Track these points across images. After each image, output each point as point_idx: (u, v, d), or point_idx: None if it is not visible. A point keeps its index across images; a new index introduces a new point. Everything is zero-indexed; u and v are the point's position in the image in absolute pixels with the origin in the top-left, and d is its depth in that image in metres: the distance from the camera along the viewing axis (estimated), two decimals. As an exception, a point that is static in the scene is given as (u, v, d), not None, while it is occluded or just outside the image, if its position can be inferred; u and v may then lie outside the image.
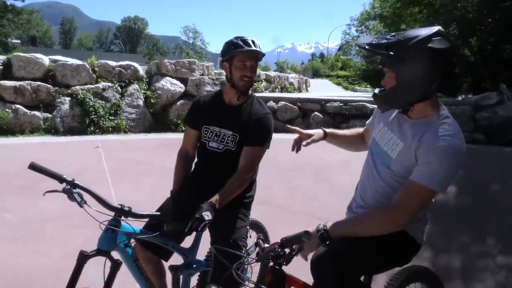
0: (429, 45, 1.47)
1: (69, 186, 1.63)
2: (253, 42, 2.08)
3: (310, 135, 2.05)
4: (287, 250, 1.57)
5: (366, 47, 1.59)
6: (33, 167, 1.64)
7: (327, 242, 1.59)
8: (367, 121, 2.07)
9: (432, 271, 1.99)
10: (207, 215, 1.71)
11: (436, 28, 1.52)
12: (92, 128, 8.10)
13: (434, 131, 1.54)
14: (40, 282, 2.92)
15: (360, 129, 2.18)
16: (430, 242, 3.32)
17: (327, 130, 2.13)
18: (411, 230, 1.71)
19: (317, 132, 2.10)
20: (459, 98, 10.08)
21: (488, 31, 12.51)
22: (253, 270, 2.44)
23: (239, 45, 2.06)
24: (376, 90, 1.71)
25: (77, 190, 1.64)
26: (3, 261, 3.14)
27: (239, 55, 2.07)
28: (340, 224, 1.66)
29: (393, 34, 1.59)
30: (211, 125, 2.19)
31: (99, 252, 1.66)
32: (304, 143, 2.03)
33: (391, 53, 1.51)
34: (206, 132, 2.20)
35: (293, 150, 2.07)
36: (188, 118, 2.36)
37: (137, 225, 1.90)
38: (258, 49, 2.08)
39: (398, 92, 1.58)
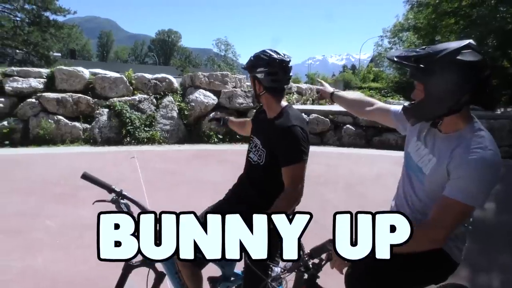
0: (458, 57, 1.45)
1: (117, 197, 1.68)
2: None
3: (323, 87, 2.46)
4: (316, 261, 1.57)
5: (395, 59, 1.59)
6: (85, 177, 1.71)
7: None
8: (393, 108, 2.02)
9: None
10: None
11: (467, 41, 1.49)
12: (128, 139, 8.36)
13: (466, 145, 1.50)
14: (79, 288, 3.01)
15: (374, 101, 2.20)
16: (469, 260, 3.20)
17: (336, 92, 2.40)
18: (447, 247, 1.67)
19: (328, 88, 2.44)
20: (498, 111, 9.70)
21: (528, 42, 12.09)
22: (288, 285, 2.44)
23: None
24: (406, 104, 1.70)
25: (125, 200, 1.69)
26: (45, 267, 3.27)
27: None
28: None
29: (423, 47, 1.58)
30: (254, 135, 2.22)
31: (143, 263, 1.70)
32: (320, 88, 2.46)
33: (420, 65, 1.50)
34: (250, 141, 2.24)
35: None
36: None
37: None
38: (245, 64, 2.17)
39: (427, 104, 1.56)
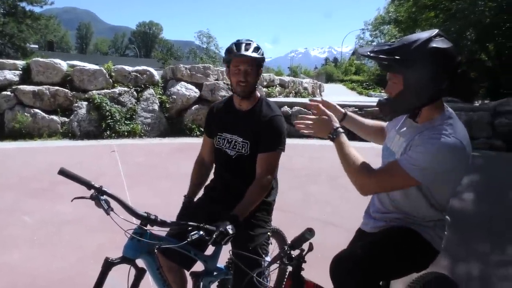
0: (433, 45, 1.48)
1: (96, 193, 1.61)
2: (246, 45, 2.00)
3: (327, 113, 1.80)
4: (298, 252, 1.57)
5: (370, 54, 1.59)
6: (62, 172, 1.63)
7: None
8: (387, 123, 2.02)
9: (451, 278, 1.96)
10: (231, 229, 1.66)
11: (436, 30, 1.54)
12: (108, 132, 8.21)
13: (431, 130, 1.55)
14: (58, 285, 2.94)
15: (384, 124, 2.10)
16: (449, 250, 3.26)
17: (349, 113, 2.08)
18: (428, 235, 1.70)
19: (336, 110, 2.01)
20: (476, 103, 9.90)
21: (506, 36, 12.29)
22: (273, 278, 2.43)
23: (233, 50, 2.00)
24: (381, 99, 1.70)
25: (105, 197, 1.63)
26: (22, 264, 3.19)
27: (233, 60, 2.02)
28: (345, 143, 1.69)
29: (393, 40, 1.61)
30: (223, 133, 2.17)
31: (124, 259, 1.63)
32: (321, 108, 1.80)
33: (396, 57, 1.51)
34: (219, 140, 2.18)
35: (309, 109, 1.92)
36: (205, 127, 2.35)
37: (160, 232, 1.89)
38: (248, 53, 1.97)
39: (407, 96, 1.57)
